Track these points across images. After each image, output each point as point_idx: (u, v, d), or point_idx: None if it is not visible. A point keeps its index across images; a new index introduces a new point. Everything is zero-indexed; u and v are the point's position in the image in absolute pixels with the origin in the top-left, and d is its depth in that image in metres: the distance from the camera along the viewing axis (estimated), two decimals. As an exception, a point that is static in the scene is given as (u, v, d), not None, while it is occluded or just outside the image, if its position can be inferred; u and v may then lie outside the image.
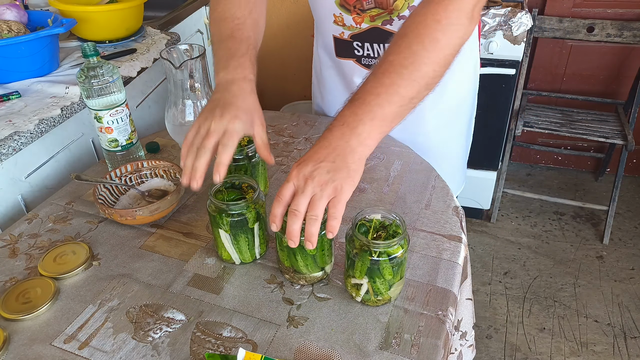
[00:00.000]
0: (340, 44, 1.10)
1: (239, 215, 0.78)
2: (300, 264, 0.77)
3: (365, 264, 0.71)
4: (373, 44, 1.05)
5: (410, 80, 0.68)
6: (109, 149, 1.03)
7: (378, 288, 0.74)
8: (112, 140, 1.02)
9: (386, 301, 0.77)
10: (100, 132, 1.01)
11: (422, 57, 0.68)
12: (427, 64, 0.69)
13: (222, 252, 0.84)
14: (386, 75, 0.68)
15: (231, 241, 0.81)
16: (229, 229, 0.79)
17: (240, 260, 0.84)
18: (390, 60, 0.69)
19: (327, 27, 1.09)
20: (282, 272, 0.82)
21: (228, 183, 0.82)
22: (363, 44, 1.05)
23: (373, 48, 1.06)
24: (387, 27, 1.00)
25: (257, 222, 0.81)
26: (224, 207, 0.78)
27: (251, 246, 0.83)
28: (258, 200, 0.80)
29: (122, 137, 1.02)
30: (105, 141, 1.02)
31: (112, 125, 1.00)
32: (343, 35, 1.07)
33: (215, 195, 0.80)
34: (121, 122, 1.00)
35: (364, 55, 1.08)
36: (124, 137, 1.02)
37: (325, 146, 0.67)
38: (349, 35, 1.06)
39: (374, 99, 0.68)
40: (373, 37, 1.04)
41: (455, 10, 0.70)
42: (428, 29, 0.69)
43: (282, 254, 0.79)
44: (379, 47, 1.06)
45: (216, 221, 0.80)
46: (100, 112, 0.98)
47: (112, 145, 1.02)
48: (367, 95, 0.68)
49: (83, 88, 0.95)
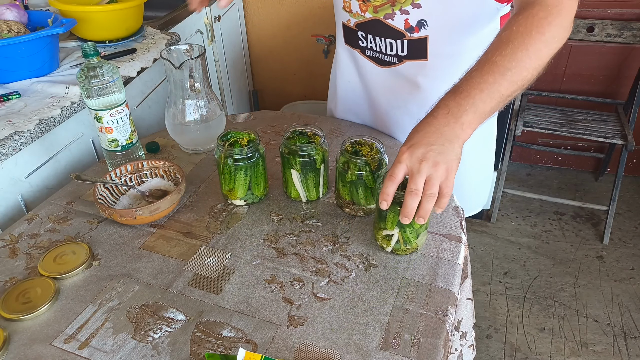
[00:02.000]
0: (347, 32, 1.12)
1: (309, 157, 0.92)
2: (361, 197, 0.92)
3: (396, 215, 0.80)
4: (375, 37, 1.06)
5: (511, 82, 0.76)
6: (109, 149, 1.03)
7: (407, 237, 0.83)
8: (112, 140, 1.02)
9: (414, 250, 0.86)
10: (100, 132, 1.01)
11: (525, 63, 0.77)
12: (528, 69, 0.77)
13: (292, 191, 0.99)
14: (490, 75, 0.76)
15: (301, 180, 0.95)
16: (300, 168, 0.93)
17: (307, 198, 0.98)
18: (495, 61, 0.77)
19: (339, 12, 1.11)
20: (341, 207, 0.97)
21: (297, 131, 0.97)
22: (366, 34, 1.07)
23: (375, 41, 1.06)
24: (389, 22, 1.01)
25: (323, 163, 0.95)
26: (297, 149, 0.92)
27: (317, 185, 0.97)
28: (323, 145, 0.95)
29: (122, 137, 1.02)
30: (105, 141, 1.02)
31: (112, 125, 1.00)
32: (349, 23, 1.09)
33: (288, 140, 0.93)
34: (121, 122, 1.00)
35: (367, 47, 1.10)
36: (124, 137, 1.02)
37: (433, 132, 0.74)
38: (354, 23, 1.08)
39: (477, 93, 0.75)
40: (375, 29, 1.04)
41: (558, 26, 0.79)
42: (532, 40, 0.77)
43: (343, 190, 0.93)
44: (381, 42, 1.06)
45: (289, 162, 0.94)
46: (100, 112, 0.98)
47: (112, 145, 1.02)
48: (472, 90, 0.75)
49: (83, 88, 0.95)
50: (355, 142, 0.93)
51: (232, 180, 0.95)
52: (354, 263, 0.85)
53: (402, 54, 1.05)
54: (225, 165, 0.94)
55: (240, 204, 0.99)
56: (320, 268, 0.84)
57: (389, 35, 1.03)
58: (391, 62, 1.08)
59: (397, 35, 1.02)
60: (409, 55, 1.04)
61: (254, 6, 2.44)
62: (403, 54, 1.05)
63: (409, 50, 1.03)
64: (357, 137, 0.94)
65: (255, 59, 2.61)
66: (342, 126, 1.25)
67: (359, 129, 1.24)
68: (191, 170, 1.11)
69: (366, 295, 0.79)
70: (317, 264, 0.85)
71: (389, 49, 1.05)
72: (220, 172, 0.96)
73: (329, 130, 1.23)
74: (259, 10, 2.45)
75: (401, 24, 1.00)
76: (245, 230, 0.93)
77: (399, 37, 1.02)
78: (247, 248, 0.89)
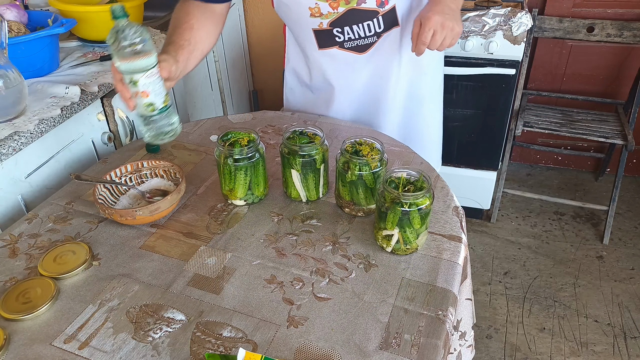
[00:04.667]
0: (321, 35, 1.16)
1: (309, 157, 0.93)
2: (361, 197, 0.93)
3: (396, 215, 0.82)
4: (352, 26, 1.14)
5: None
6: (145, 114, 0.94)
7: (407, 237, 0.84)
8: (149, 105, 0.93)
9: (414, 250, 0.86)
10: (135, 97, 0.92)
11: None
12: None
13: (292, 191, 0.99)
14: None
15: (301, 180, 0.96)
16: (300, 168, 0.94)
17: (307, 198, 0.99)
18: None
19: (304, 23, 1.15)
20: (341, 207, 0.97)
21: (297, 131, 0.97)
22: (343, 28, 1.14)
23: (353, 30, 1.15)
24: (362, 6, 1.10)
25: (323, 163, 0.96)
26: (297, 149, 0.93)
27: (317, 185, 0.98)
28: (323, 145, 0.95)
29: (158, 100, 0.94)
30: (141, 106, 0.93)
31: (147, 89, 0.91)
32: (322, 25, 1.13)
33: (288, 140, 0.94)
34: (157, 85, 0.92)
35: (345, 40, 1.17)
36: (160, 100, 0.94)
37: (446, 11, 1.01)
38: (328, 23, 1.12)
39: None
40: (351, 19, 1.12)
41: None
42: None
43: (344, 190, 0.94)
44: (358, 28, 1.14)
45: (289, 162, 0.95)
46: (135, 76, 0.89)
47: (149, 110, 0.93)
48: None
49: (114, 51, 0.87)
50: (355, 142, 0.93)
51: (232, 180, 0.95)
52: (354, 263, 0.85)
53: (379, 30, 1.16)
54: (225, 165, 0.94)
55: (240, 204, 0.99)
56: (320, 268, 0.84)
57: (365, 18, 1.13)
58: (371, 42, 1.18)
59: (371, 15, 1.12)
60: (385, 27, 1.16)
61: (254, 6, 2.44)
62: (380, 29, 1.16)
63: (385, 23, 1.15)
64: (357, 137, 0.94)
65: (255, 59, 2.61)
66: (342, 126, 1.26)
67: (358, 129, 1.24)
68: (191, 170, 1.11)
69: (366, 295, 0.79)
70: (317, 264, 0.85)
71: (367, 30, 1.15)
72: (220, 172, 0.96)
73: (329, 130, 1.23)
74: (259, 11, 2.45)
75: (373, 3, 1.10)
76: (246, 230, 0.93)
77: (374, 15, 1.13)
78: (247, 248, 0.89)
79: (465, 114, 1.96)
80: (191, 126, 1.28)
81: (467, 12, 1.73)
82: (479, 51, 1.80)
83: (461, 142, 2.04)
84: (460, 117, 1.97)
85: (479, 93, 1.89)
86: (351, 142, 0.93)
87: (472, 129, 1.99)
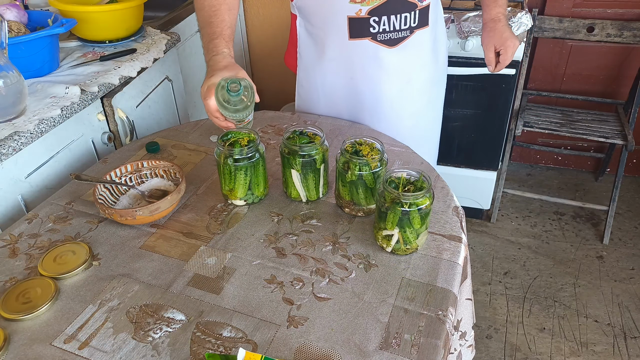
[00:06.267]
0: (356, 24, 1.14)
1: (309, 157, 0.93)
2: (361, 197, 0.92)
3: (396, 215, 0.82)
4: (390, 16, 1.13)
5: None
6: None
7: (407, 237, 0.84)
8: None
9: (414, 250, 0.86)
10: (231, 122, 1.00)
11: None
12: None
13: (292, 191, 0.99)
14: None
15: (301, 180, 0.95)
16: (300, 169, 0.94)
17: (307, 198, 0.99)
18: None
19: (339, 9, 1.13)
20: (341, 207, 0.97)
21: (297, 131, 0.97)
22: (381, 18, 1.13)
23: (390, 21, 1.14)
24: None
25: (323, 164, 0.96)
26: (297, 149, 0.93)
27: (317, 185, 0.98)
28: (323, 145, 0.95)
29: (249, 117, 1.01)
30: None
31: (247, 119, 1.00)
32: (360, 13, 1.12)
33: (288, 140, 0.93)
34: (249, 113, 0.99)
35: (379, 32, 1.15)
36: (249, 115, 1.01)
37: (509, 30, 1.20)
38: (366, 11, 1.11)
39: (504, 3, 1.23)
40: (392, 8, 1.12)
41: None
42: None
43: (344, 190, 0.93)
44: (395, 19, 1.14)
45: (289, 162, 0.95)
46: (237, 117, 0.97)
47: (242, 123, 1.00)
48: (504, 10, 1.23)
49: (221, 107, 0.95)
50: (355, 142, 0.93)
51: (232, 180, 0.95)
52: (354, 263, 0.85)
53: (413, 25, 1.17)
54: (225, 165, 0.94)
55: (240, 204, 0.99)
56: (320, 268, 0.84)
57: (404, 9, 1.14)
58: (404, 36, 1.18)
59: (410, 7, 1.14)
60: (418, 24, 1.18)
61: (254, 6, 2.44)
62: (415, 24, 1.17)
63: (419, 19, 1.17)
64: (357, 137, 0.94)
65: (255, 59, 2.61)
66: (342, 126, 1.26)
67: (359, 129, 1.24)
68: (191, 170, 1.11)
69: (366, 295, 0.79)
70: (317, 264, 0.85)
71: (403, 23, 1.16)
72: (220, 172, 0.96)
73: (329, 130, 1.23)
74: (259, 11, 2.45)
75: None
76: (246, 230, 0.93)
77: (412, 8, 1.14)
78: (247, 248, 0.89)
79: (465, 114, 1.96)
80: (191, 126, 1.28)
81: (467, 12, 1.73)
82: (479, 51, 1.79)
83: (461, 142, 2.04)
84: (460, 117, 1.97)
85: (479, 93, 1.89)
86: (351, 142, 0.93)
87: (472, 129, 1.99)
